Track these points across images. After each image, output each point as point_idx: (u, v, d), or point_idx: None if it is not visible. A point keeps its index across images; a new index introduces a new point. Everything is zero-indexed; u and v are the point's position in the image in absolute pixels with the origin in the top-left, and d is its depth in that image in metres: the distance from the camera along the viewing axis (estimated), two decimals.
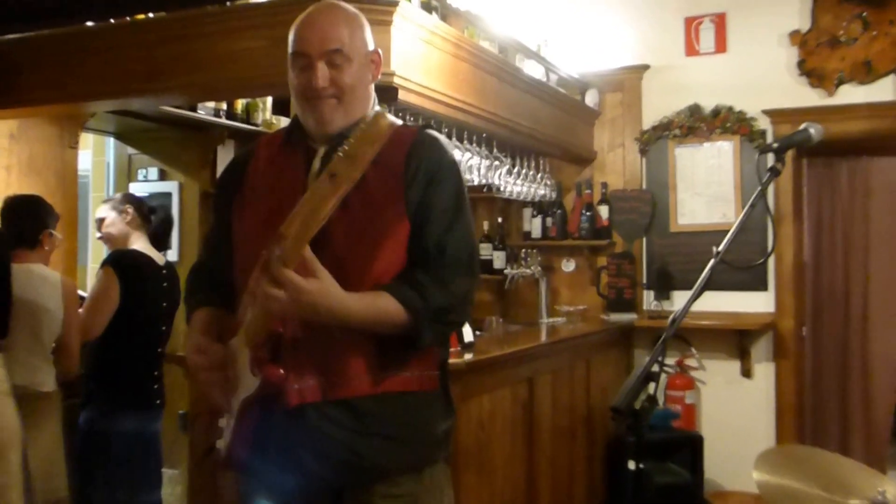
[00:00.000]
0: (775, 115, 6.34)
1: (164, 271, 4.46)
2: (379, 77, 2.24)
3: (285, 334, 1.96)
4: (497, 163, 5.64)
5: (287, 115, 5.71)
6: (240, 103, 5.52)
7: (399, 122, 2.08)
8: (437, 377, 2.17)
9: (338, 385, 2.00)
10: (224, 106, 5.40)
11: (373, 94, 2.22)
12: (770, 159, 2.33)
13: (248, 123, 5.57)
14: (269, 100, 5.69)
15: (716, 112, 6.54)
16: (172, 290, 4.48)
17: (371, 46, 2.19)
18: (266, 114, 5.66)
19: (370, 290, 1.97)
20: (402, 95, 3.94)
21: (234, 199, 2.20)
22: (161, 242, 4.57)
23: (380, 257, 2.01)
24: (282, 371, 1.95)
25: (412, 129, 2.16)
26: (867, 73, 6.14)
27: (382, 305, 1.95)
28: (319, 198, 1.76)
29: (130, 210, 4.40)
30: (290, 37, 2.13)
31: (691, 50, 6.67)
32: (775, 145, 2.33)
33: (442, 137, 2.20)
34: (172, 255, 5.46)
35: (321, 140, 2.13)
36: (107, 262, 4.29)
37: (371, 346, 2.01)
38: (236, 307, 2.06)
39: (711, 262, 2.22)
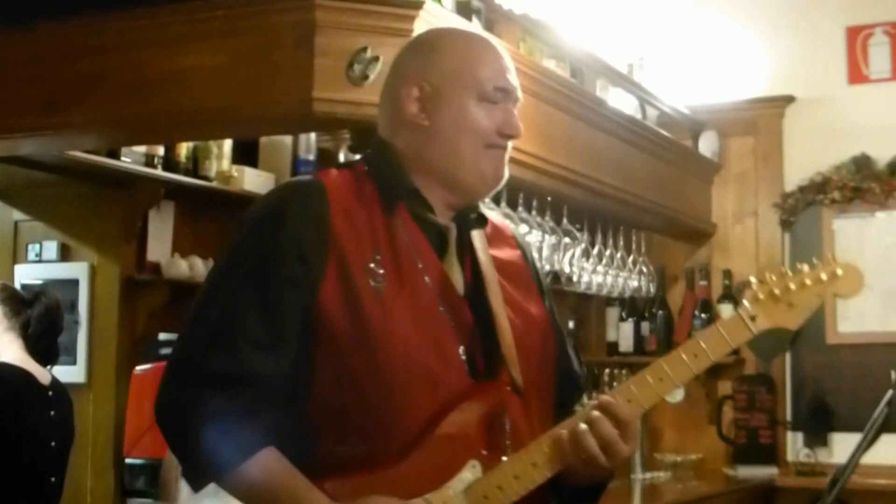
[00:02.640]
0: None
1: (51, 393, 4.51)
2: None
3: None
4: (567, 240, 5.69)
5: (254, 165, 5.71)
6: (185, 147, 5.55)
7: None
8: None
9: None
10: (160, 151, 5.41)
11: None
12: None
13: (196, 177, 5.58)
14: (228, 143, 5.71)
15: (893, 167, 6.63)
16: (63, 422, 4.47)
17: None
18: (223, 163, 5.68)
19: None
20: None
21: (321, 277, 2.23)
22: (45, 349, 4.52)
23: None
24: None
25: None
26: None
27: None
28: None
29: None
30: (481, 63, 2.37)
31: (856, 75, 6.82)
32: None
33: None
34: (79, 371, 5.45)
35: (445, 208, 2.36)
36: None
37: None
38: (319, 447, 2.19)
39: (889, 393, 2.20)
